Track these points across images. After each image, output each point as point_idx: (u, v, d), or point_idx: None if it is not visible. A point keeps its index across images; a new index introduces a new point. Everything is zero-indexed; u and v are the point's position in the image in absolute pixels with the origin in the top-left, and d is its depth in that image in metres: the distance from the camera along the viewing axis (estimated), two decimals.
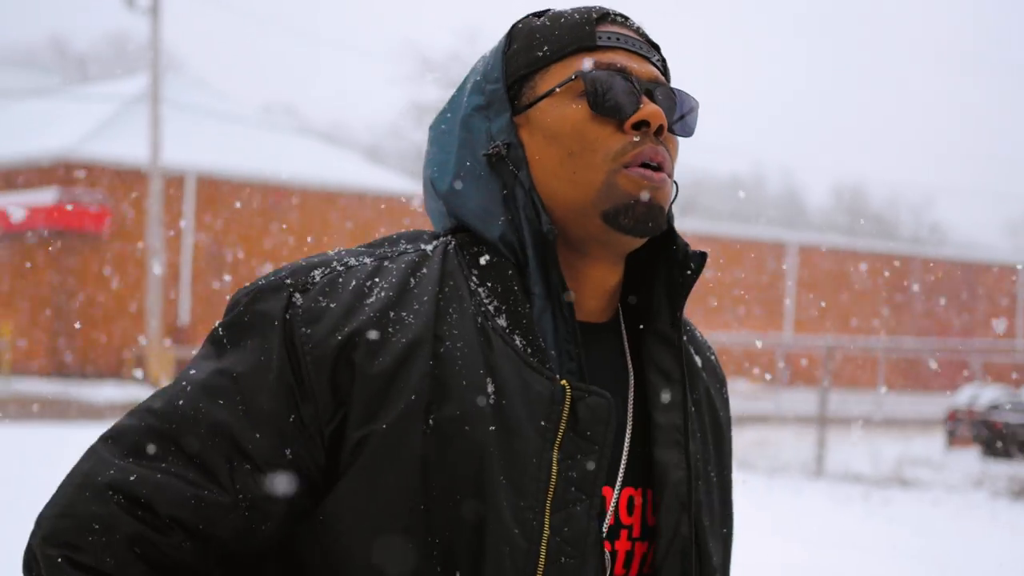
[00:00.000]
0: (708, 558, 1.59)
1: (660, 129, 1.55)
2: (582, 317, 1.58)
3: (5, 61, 63.77)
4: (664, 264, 1.62)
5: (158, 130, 27.61)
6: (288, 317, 1.46)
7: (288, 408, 1.43)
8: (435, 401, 1.43)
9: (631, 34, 1.61)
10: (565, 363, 1.51)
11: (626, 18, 1.63)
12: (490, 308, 1.51)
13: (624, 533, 1.55)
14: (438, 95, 63.28)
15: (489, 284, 1.53)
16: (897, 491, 14.61)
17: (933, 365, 30.68)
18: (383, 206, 35.93)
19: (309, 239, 34.35)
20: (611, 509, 1.53)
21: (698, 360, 1.69)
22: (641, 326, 1.64)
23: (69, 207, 30.27)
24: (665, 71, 1.66)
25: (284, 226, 34.14)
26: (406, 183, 39.13)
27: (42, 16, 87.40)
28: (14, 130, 35.84)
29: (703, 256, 1.61)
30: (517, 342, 1.48)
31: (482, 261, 1.55)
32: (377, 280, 1.50)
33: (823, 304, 42.94)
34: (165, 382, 27.87)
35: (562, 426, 1.46)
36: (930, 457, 16.70)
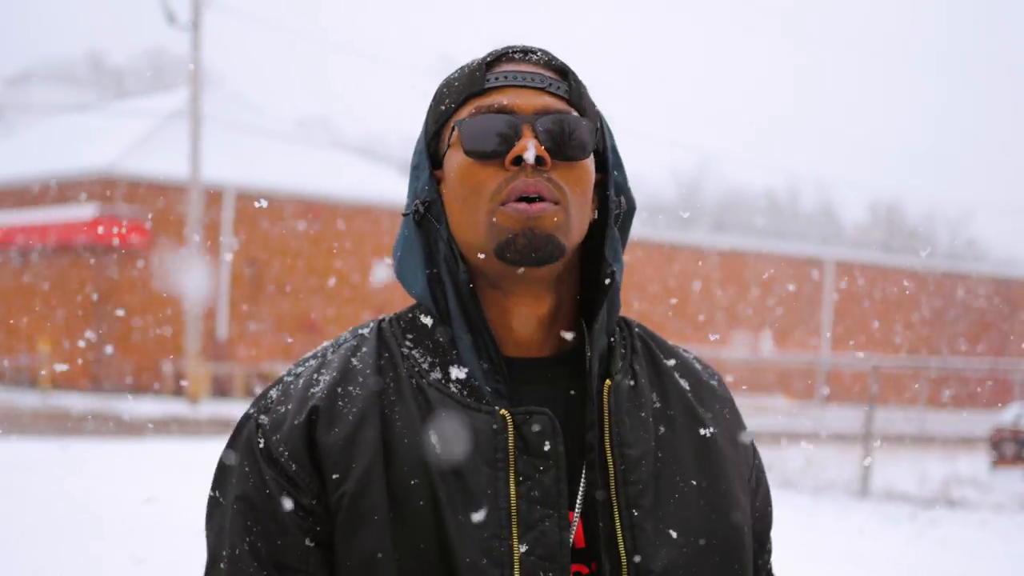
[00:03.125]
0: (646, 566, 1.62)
1: (541, 160, 1.61)
2: (519, 352, 1.67)
3: (42, 76, 64.18)
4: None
5: (198, 146, 27.69)
6: (259, 438, 1.64)
7: (295, 506, 1.61)
8: (388, 462, 1.58)
9: (526, 69, 1.68)
10: (497, 398, 1.62)
11: (527, 52, 1.70)
12: (424, 366, 1.65)
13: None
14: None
15: (421, 344, 1.68)
16: (944, 511, 14.46)
17: (978, 383, 30.48)
18: None
19: (339, 248, 34.40)
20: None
21: (684, 384, 1.75)
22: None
23: (108, 222, 30.39)
24: (575, 94, 1.69)
25: (322, 241, 34.19)
26: None
27: (79, 31, 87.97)
28: (53, 145, 36.05)
29: (613, 272, 1.68)
30: (452, 389, 1.62)
31: (416, 324, 1.71)
32: (323, 371, 1.68)
33: (860, 321, 42.72)
34: (203, 397, 28.02)
35: (512, 452, 1.59)
36: (976, 477, 16.53)
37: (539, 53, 1.71)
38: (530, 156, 1.60)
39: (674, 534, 1.64)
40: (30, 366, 31.60)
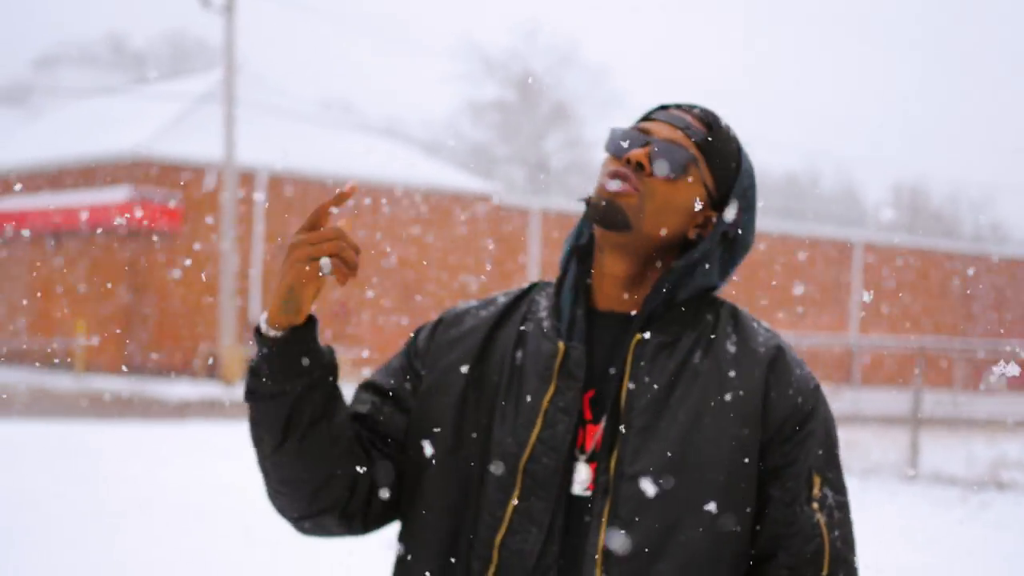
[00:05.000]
0: (624, 466, 2.13)
1: (640, 166, 2.19)
2: (606, 305, 2.26)
3: (66, 58, 64.23)
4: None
5: (232, 128, 27.70)
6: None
7: (408, 358, 2.36)
8: (481, 359, 2.26)
9: (679, 113, 2.26)
10: (562, 334, 2.22)
11: (691, 107, 2.28)
12: (539, 308, 2.29)
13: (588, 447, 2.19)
14: (495, 92, 63.32)
15: (547, 295, 2.32)
16: (994, 494, 14.42)
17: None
18: (449, 203, 35.94)
19: (378, 236, 34.41)
20: (593, 437, 2.18)
21: (731, 348, 2.21)
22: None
23: (141, 205, 30.44)
24: (705, 142, 2.23)
25: (352, 223, 34.16)
26: (471, 180, 39.11)
27: (99, 13, 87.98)
28: (83, 128, 36.09)
29: (657, 303, 2.23)
30: (546, 325, 2.24)
31: (550, 283, 2.35)
32: (486, 300, 2.39)
33: (890, 304, 42.60)
34: (237, 380, 28.05)
35: (556, 371, 2.18)
36: (1022, 459, 16.46)
37: (698, 109, 2.28)
38: (630, 154, 2.19)
39: (648, 454, 2.11)
40: (64, 349, 31.71)
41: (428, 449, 2.22)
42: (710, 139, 2.22)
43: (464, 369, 2.25)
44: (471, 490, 2.19)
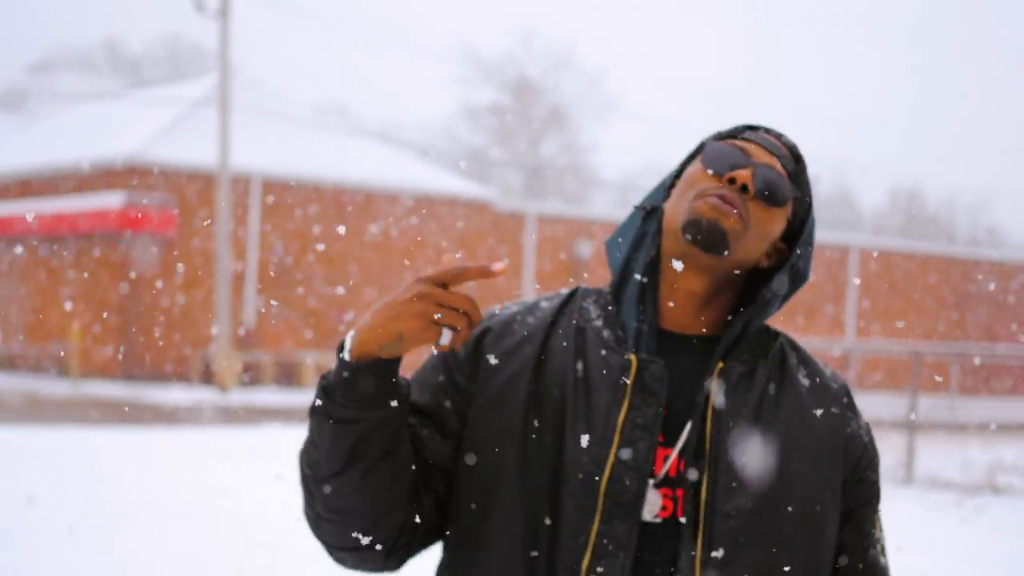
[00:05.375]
0: (721, 510, 2.04)
1: (745, 188, 2.09)
2: (672, 327, 2.15)
3: (62, 63, 64.23)
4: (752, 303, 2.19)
5: (227, 133, 27.67)
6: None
7: (445, 377, 2.17)
8: (538, 371, 2.10)
9: (771, 139, 2.18)
10: (631, 347, 2.10)
11: (779, 135, 2.21)
12: (592, 315, 2.17)
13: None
14: (491, 95, 63.31)
15: (597, 303, 2.20)
16: (990, 498, 14.41)
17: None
18: (444, 207, 35.93)
19: (372, 239, 34.36)
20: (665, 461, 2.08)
21: (806, 382, 2.18)
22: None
23: (136, 210, 30.41)
24: (796, 174, 2.19)
25: (348, 227, 34.14)
26: (466, 184, 39.09)
27: (96, 18, 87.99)
28: (78, 133, 36.07)
29: (759, 329, 2.18)
30: (606, 335, 2.12)
31: (604, 290, 2.22)
32: (526, 306, 2.23)
33: (884, 307, 42.60)
34: (232, 385, 28.04)
35: (630, 387, 2.06)
36: (1019, 464, 16.46)
37: (785, 137, 2.22)
38: (740, 178, 2.09)
39: (743, 489, 2.05)
40: (59, 354, 31.66)
41: (492, 472, 2.08)
42: (799, 172, 2.19)
43: (523, 383, 2.10)
44: (544, 514, 2.06)
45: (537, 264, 37.48)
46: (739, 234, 2.07)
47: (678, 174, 2.21)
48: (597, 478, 2.03)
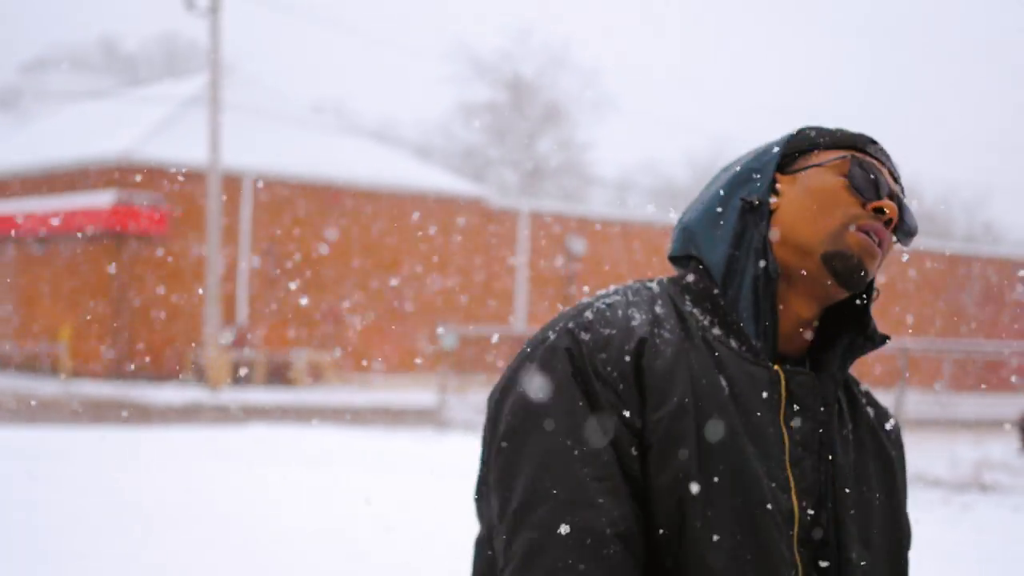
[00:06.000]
0: (846, 553, 1.92)
1: (889, 221, 1.94)
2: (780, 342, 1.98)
3: (57, 62, 64.14)
4: (851, 330, 2.02)
5: (217, 132, 27.61)
6: (583, 353, 1.86)
7: (616, 420, 1.83)
8: (696, 394, 1.85)
9: (891, 162, 2.03)
10: (768, 358, 1.93)
11: (888, 157, 2.04)
12: (705, 323, 1.94)
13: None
14: (487, 95, 63.23)
15: (699, 304, 1.96)
16: (977, 496, 14.35)
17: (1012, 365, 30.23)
18: (437, 205, 35.88)
19: (367, 238, 34.30)
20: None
21: (870, 411, 2.07)
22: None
23: (127, 209, 30.36)
24: (901, 208, 2.01)
25: (340, 227, 34.12)
26: (459, 182, 39.05)
27: (91, 17, 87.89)
28: (71, 132, 36.03)
29: (886, 338, 2.04)
30: (733, 344, 1.92)
31: (692, 286, 1.98)
32: (633, 309, 1.93)
33: (878, 303, 42.59)
34: (223, 385, 27.99)
35: (783, 400, 1.89)
36: (1007, 461, 16.42)
37: (895, 165, 2.05)
38: (890, 211, 1.94)
39: (863, 538, 1.95)
40: (50, 353, 31.61)
41: (690, 526, 1.82)
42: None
43: (690, 413, 1.84)
44: (750, 552, 1.84)
45: (531, 261, 37.43)
46: (873, 268, 1.95)
47: (779, 166, 2.01)
48: (786, 503, 1.86)
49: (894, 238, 1.99)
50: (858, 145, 2.01)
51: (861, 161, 1.97)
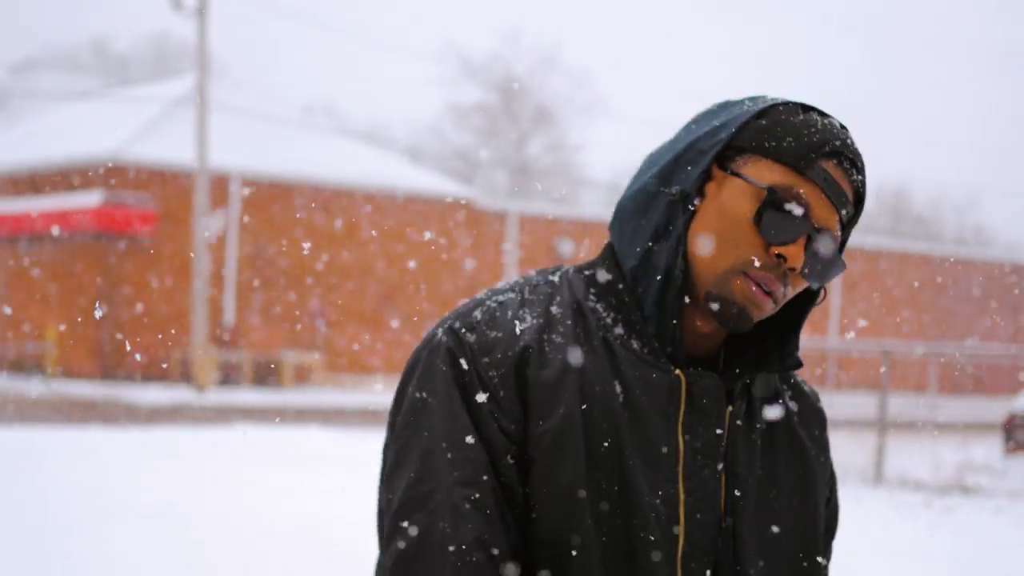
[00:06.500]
0: (744, 568, 1.84)
1: (793, 268, 1.78)
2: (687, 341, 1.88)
3: (46, 62, 64.08)
4: (775, 340, 1.90)
5: (205, 132, 27.60)
6: (467, 354, 1.79)
7: (495, 427, 1.76)
8: (585, 404, 1.77)
9: (842, 184, 1.80)
10: (672, 360, 1.82)
11: (853, 164, 1.82)
12: (608, 321, 1.84)
13: None
14: (478, 96, 63.23)
15: (604, 299, 1.86)
16: (959, 498, 14.36)
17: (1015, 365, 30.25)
18: (426, 206, 35.87)
19: (356, 239, 34.28)
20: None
21: (793, 405, 1.97)
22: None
23: (115, 209, 30.32)
24: (851, 225, 1.87)
25: (328, 228, 34.11)
26: (448, 184, 39.04)
27: (82, 18, 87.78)
28: (59, 132, 35.97)
29: (797, 365, 1.89)
30: (634, 345, 1.82)
31: (598, 279, 1.88)
32: (526, 310, 1.84)
33: (868, 306, 42.61)
34: (210, 384, 27.96)
35: (682, 407, 1.80)
36: (990, 463, 16.45)
37: (862, 175, 1.84)
38: (790, 259, 1.77)
39: (764, 547, 1.87)
40: (37, 353, 31.55)
41: (574, 542, 1.77)
42: (855, 216, 1.87)
43: (577, 424, 1.76)
44: (623, 571, 1.78)
45: (520, 263, 37.43)
46: (763, 315, 1.82)
47: (718, 158, 1.83)
48: (674, 521, 1.79)
49: (809, 280, 1.82)
50: (799, 165, 1.79)
51: (784, 194, 1.77)
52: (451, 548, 1.71)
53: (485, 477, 1.74)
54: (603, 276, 1.88)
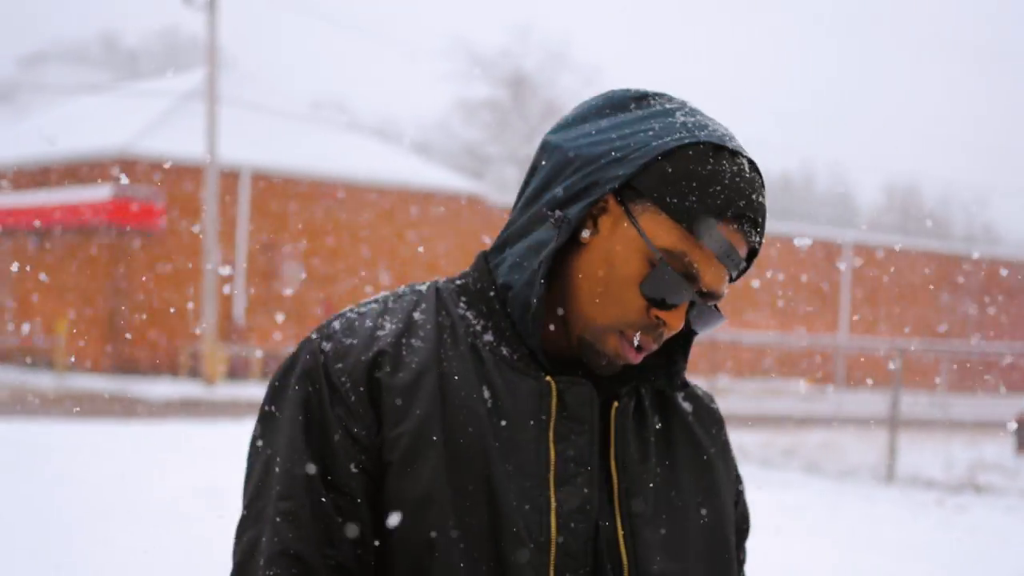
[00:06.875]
0: (645, 567, 1.78)
1: (672, 329, 1.75)
2: (549, 348, 1.83)
3: (56, 56, 64.13)
4: (655, 360, 1.86)
5: (215, 127, 27.58)
6: (320, 363, 1.76)
7: (341, 433, 1.73)
8: (444, 410, 1.73)
9: (739, 245, 1.74)
10: (543, 367, 1.79)
11: (754, 224, 1.75)
12: (477, 327, 1.81)
13: None
14: (487, 92, 63.20)
15: (474, 307, 1.83)
16: (971, 497, 14.30)
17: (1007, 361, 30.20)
18: (435, 202, 35.84)
19: (365, 235, 34.27)
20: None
21: (687, 407, 1.92)
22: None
23: (124, 203, 30.31)
24: (743, 272, 1.81)
25: (338, 222, 34.10)
26: (458, 179, 39.00)
27: (92, 11, 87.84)
28: (69, 126, 35.94)
29: (685, 386, 1.88)
30: (504, 352, 1.79)
31: (469, 286, 1.85)
32: (387, 317, 1.82)
33: (878, 304, 42.53)
34: (219, 379, 27.95)
35: (553, 414, 1.75)
36: (1001, 462, 16.39)
37: (761, 232, 1.77)
38: (670, 325, 1.75)
39: (670, 541, 1.81)
40: (46, 347, 31.56)
41: (424, 546, 1.72)
42: (744, 271, 1.84)
43: (436, 431, 1.73)
44: None
45: None
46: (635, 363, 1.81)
47: (631, 192, 1.75)
48: (545, 529, 1.73)
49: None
50: (696, 228, 1.72)
51: (677, 263, 1.73)
52: (261, 562, 1.73)
53: (307, 491, 1.72)
54: (474, 284, 1.85)
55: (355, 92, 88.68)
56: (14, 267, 32.94)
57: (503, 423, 1.74)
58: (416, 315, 1.81)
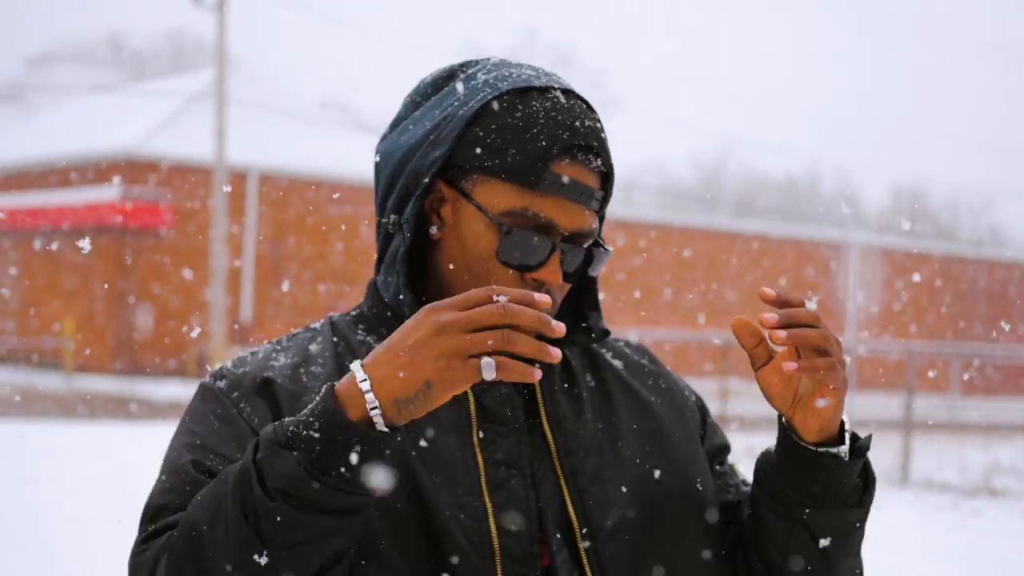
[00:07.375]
0: (595, 522, 1.73)
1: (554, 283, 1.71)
2: None
3: (63, 57, 64.15)
4: (571, 321, 1.85)
5: (223, 127, 27.57)
6: (218, 400, 1.73)
7: (252, 432, 1.68)
8: None
9: (582, 176, 1.70)
10: None
11: (590, 151, 1.70)
12: (370, 346, 1.77)
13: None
14: None
15: (375, 331, 1.80)
16: (986, 501, 14.23)
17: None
18: None
19: (368, 237, 34.27)
20: None
21: (618, 363, 1.91)
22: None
23: (132, 204, 30.32)
24: (605, 202, 1.78)
25: (346, 223, 34.09)
26: None
27: (99, 13, 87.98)
28: (77, 126, 35.99)
29: (606, 333, 1.86)
30: None
31: (365, 314, 1.83)
32: (280, 354, 1.78)
33: (885, 306, 42.49)
34: None
35: (475, 421, 1.72)
36: (1016, 466, 16.33)
37: (604, 154, 1.73)
38: (548, 281, 1.70)
39: (622, 493, 1.76)
40: (54, 348, 31.56)
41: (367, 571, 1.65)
42: (610, 193, 1.80)
43: None
44: None
45: None
46: None
47: (456, 172, 1.72)
48: (486, 538, 1.68)
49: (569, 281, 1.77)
50: (529, 178, 1.68)
51: (520, 220, 1.69)
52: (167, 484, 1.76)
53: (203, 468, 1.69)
54: (369, 311, 1.84)
55: (361, 92, 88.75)
56: (22, 267, 32.95)
57: (424, 438, 1.70)
58: (312, 347, 1.79)
